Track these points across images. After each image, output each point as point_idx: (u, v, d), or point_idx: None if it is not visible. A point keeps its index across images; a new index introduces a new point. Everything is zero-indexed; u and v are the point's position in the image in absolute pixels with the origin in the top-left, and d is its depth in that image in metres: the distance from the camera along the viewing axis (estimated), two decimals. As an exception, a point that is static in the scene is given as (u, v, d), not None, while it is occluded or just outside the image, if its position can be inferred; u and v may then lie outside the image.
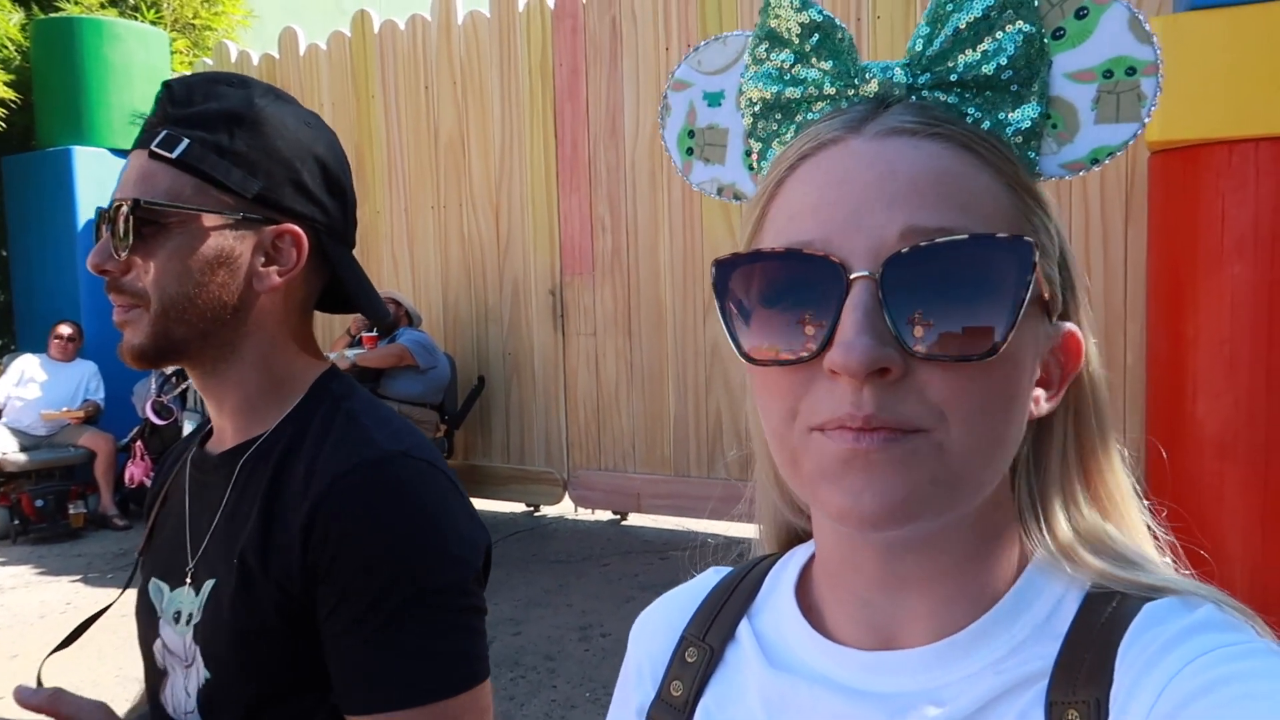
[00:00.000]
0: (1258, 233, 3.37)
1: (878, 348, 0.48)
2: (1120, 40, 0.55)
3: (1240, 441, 3.45)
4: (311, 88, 6.90)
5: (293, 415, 1.08)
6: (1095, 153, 0.56)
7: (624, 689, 0.72)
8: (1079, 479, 0.58)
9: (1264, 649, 0.48)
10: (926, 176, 0.51)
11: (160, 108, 1.05)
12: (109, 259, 1.02)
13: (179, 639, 1.06)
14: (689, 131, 0.66)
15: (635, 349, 5.69)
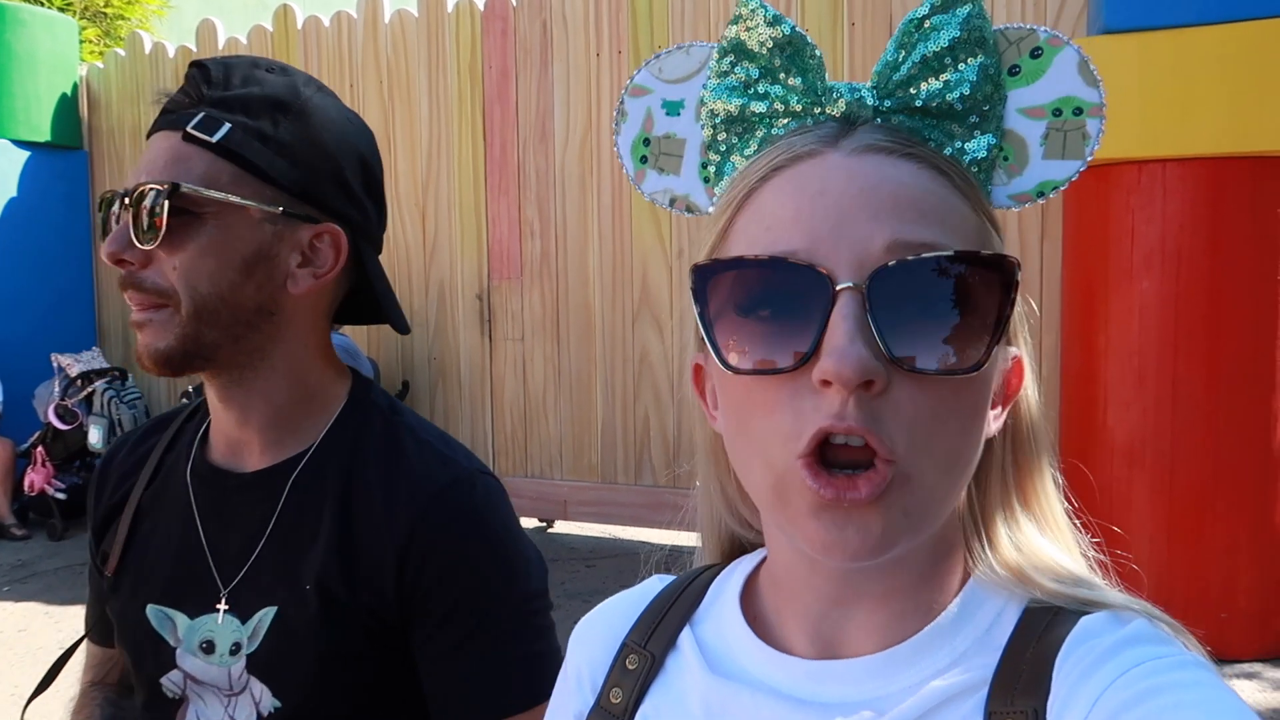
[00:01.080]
0: (1165, 249, 3.52)
1: (869, 358, 0.49)
2: (1071, 81, 0.58)
3: (1148, 449, 3.59)
4: (231, 82, 6.70)
5: (337, 430, 1.02)
6: (1041, 186, 0.59)
7: (561, 695, 0.72)
8: (1017, 497, 0.60)
9: (1192, 661, 0.50)
10: (908, 193, 0.52)
11: (192, 87, 0.96)
12: (128, 249, 0.92)
13: (217, 669, 0.99)
14: (644, 139, 0.66)
15: (563, 355, 5.65)
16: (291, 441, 1.02)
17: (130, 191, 0.92)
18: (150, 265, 0.93)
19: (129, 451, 1.13)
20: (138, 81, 7.05)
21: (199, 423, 1.10)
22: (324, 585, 0.96)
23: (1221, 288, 3.47)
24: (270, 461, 1.02)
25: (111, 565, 1.05)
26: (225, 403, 1.01)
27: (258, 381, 1.00)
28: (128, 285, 0.94)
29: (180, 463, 1.07)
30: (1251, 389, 3.49)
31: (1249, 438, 3.50)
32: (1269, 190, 3.45)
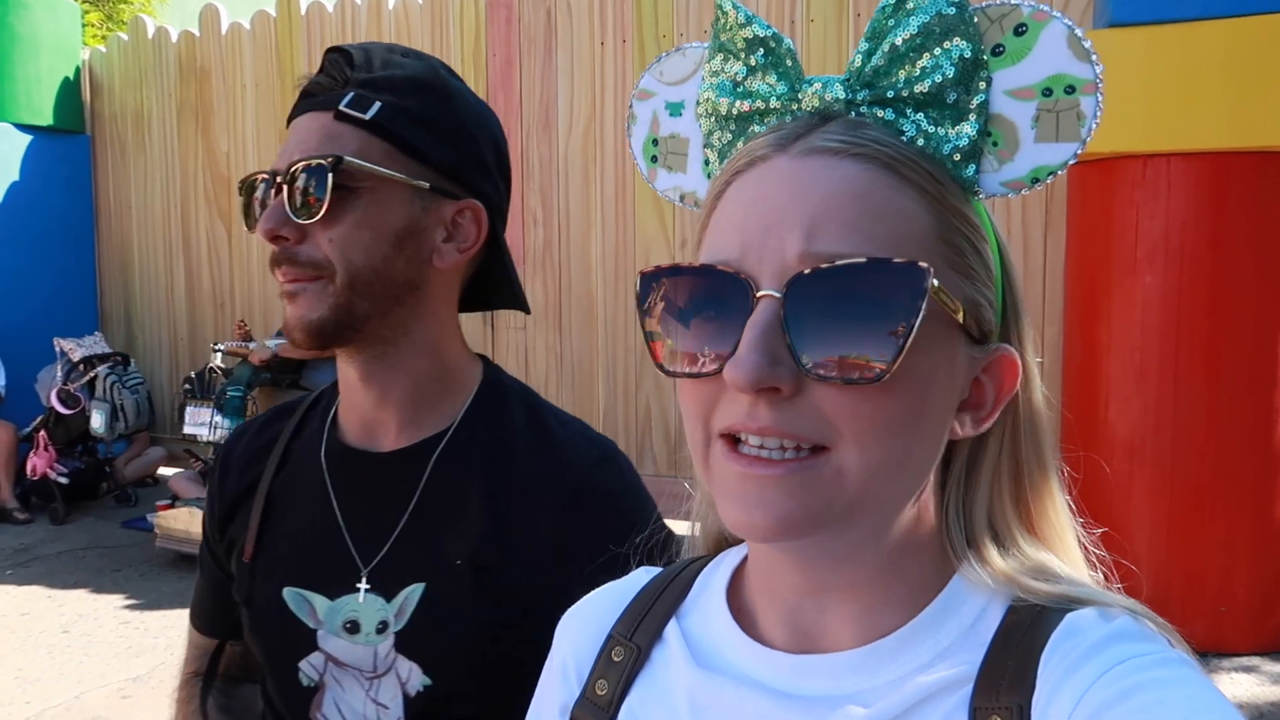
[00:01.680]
0: (1168, 244, 3.51)
1: (766, 366, 0.49)
2: (1059, 58, 0.54)
3: (1149, 444, 3.59)
4: (233, 69, 6.68)
5: (476, 409, 1.05)
6: (1035, 172, 0.56)
7: (547, 686, 0.72)
8: (1010, 499, 0.59)
9: (1176, 659, 0.50)
10: (836, 199, 0.52)
11: (336, 70, 0.98)
12: (285, 224, 0.94)
13: (362, 649, 0.99)
14: (653, 140, 0.67)
15: (565, 343, 5.65)
16: (429, 421, 1.04)
17: (284, 171, 0.94)
18: (305, 240, 0.95)
19: (250, 440, 1.13)
20: (140, 66, 7.03)
21: (325, 408, 1.11)
22: (478, 561, 0.98)
23: (1224, 283, 3.46)
24: (408, 441, 1.03)
25: (249, 550, 1.05)
26: (365, 380, 1.02)
27: (400, 357, 1.01)
28: (282, 261, 0.95)
29: (311, 446, 1.08)
30: (1252, 385, 3.49)
31: (1249, 434, 3.50)
32: (1273, 185, 3.44)
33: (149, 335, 7.18)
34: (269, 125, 6.57)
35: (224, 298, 6.87)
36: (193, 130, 6.85)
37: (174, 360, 7.08)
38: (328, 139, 0.94)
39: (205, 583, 1.18)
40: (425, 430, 1.03)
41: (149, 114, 7.01)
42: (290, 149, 0.96)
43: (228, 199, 6.76)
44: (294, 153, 0.95)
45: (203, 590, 1.19)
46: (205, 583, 1.18)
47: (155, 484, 6.49)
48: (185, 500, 5.18)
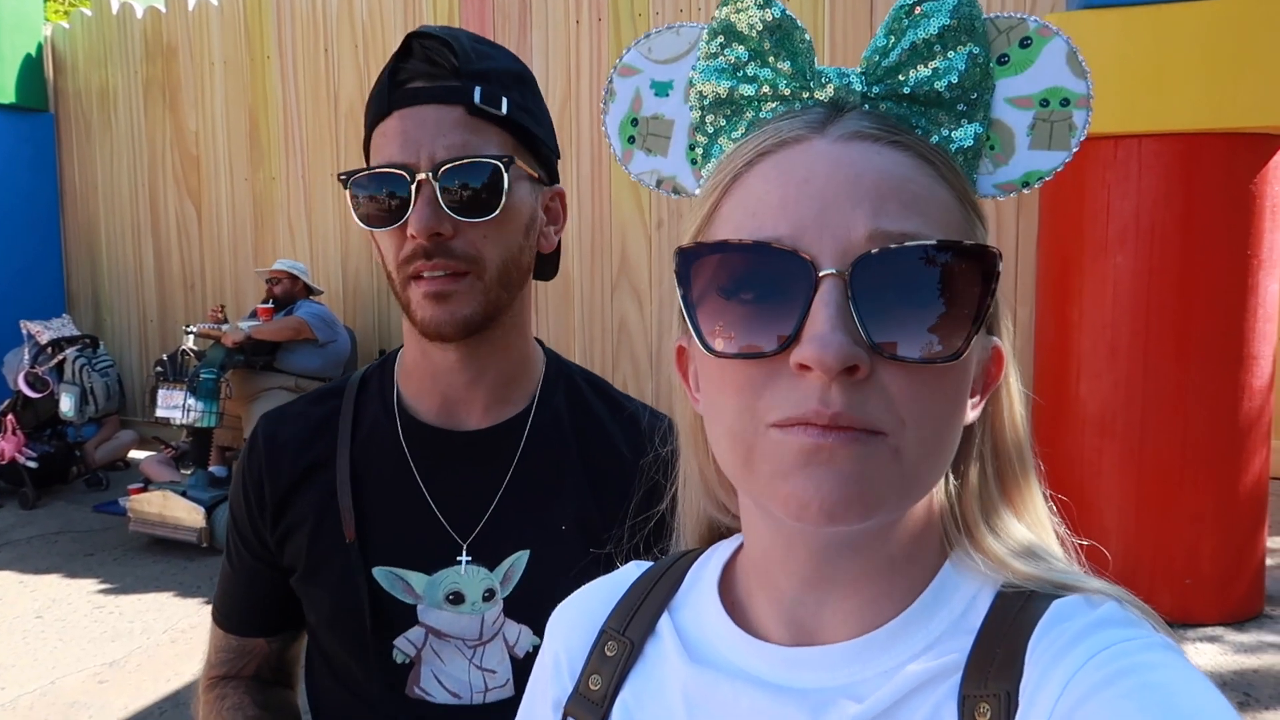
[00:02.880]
0: (1139, 224, 3.56)
1: (850, 344, 0.49)
2: (1059, 72, 0.57)
3: (1118, 420, 3.65)
4: (201, 46, 6.56)
5: (549, 387, 1.09)
6: (1027, 176, 0.59)
7: (539, 681, 0.71)
8: (995, 485, 0.60)
9: (1160, 644, 0.51)
10: (891, 182, 0.52)
11: (440, 60, 0.96)
12: (445, 220, 0.94)
13: (468, 619, 1.02)
14: (632, 119, 0.65)
15: (541, 324, 5.64)
16: (512, 398, 1.07)
17: (433, 167, 0.94)
18: (457, 235, 0.95)
19: (295, 424, 1.11)
20: (105, 42, 6.89)
21: (381, 389, 1.10)
22: (584, 524, 1.03)
23: (1193, 263, 3.51)
24: (495, 420, 1.06)
25: (350, 532, 1.03)
26: (464, 365, 1.03)
27: (503, 339, 1.04)
28: (434, 254, 0.95)
29: (381, 427, 1.07)
30: (1220, 363, 3.55)
31: (1217, 410, 3.57)
32: (1242, 166, 3.49)
33: (118, 317, 7.08)
34: (238, 103, 6.47)
35: (194, 279, 6.78)
36: (160, 108, 6.74)
37: (144, 343, 6.98)
38: (472, 135, 0.95)
39: (237, 579, 1.14)
40: (511, 408, 1.07)
41: (114, 92, 6.88)
42: (423, 143, 0.94)
43: (197, 178, 6.66)
44: (435, 149, 0.94)
45: (234, 587, 1.14)
46: (237, 579, 1.14)
47: (126, 468, 6.42)
48: (157, 484, 5.13)
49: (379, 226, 0.96)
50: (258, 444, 1.11)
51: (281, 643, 1.16)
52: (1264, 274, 3.56)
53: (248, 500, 1.10)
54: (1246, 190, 3.49)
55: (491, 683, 1.03)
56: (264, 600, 1.13)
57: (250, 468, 1.10)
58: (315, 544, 1.05)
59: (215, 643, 1.17)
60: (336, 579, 1.03)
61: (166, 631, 3.87)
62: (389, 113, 0.97)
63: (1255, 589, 3.76)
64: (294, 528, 1.07)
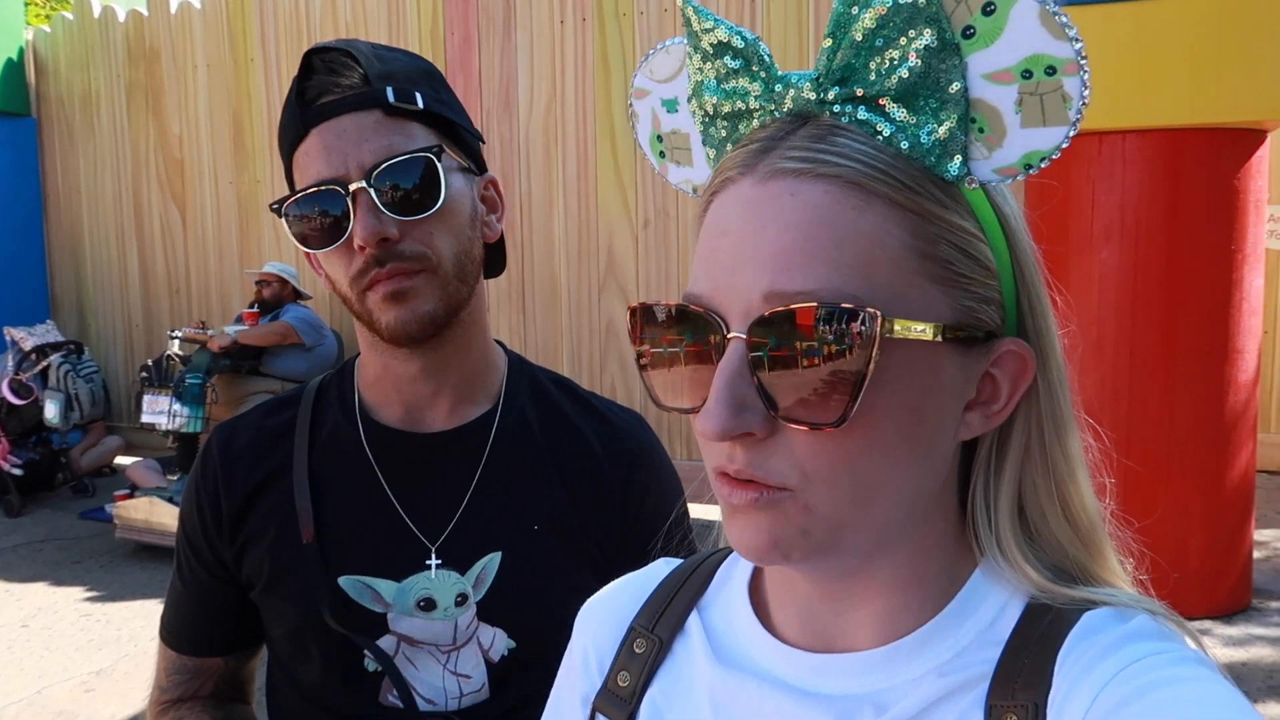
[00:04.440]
0: (1124, 220, 3.57)
1: (733, 417, 0.49)
2: (1034, 37, 0.50)
3: (1105, 415, 3.64)
4: (184, 48, 6.52)
5: (512, 386, 1.09)
6: (1027, 158, 0.52)
7: (568, 676, 0.72)
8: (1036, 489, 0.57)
9: (1193, 658, 0.50)
10: (795, 232, 0.49)
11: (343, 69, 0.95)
12: (389, 225, 0.92)
13: (441, 624, 1.00)
14: (657, 136, 0.66)
15: (529, 325, 5.63)
16: (479, 399, 1.06)
17: (366, 174, 0.92)
18: (404, 237, 0.94)
19: (252, 432, 1.08)
20: (87, 46, 6.84)
21: (341, 394, 1.08)
22: (559, 523, 1.02)
23: (1179, 258, 3.52)
24: (460, 420, 1.05)
25: (309, 533, 1.01)
26: (426, 368, 1.02)
27: (463, 339, 1.03)
28: (385, 261, 0.93)
29: (343, 431, 1.05)
30: (1206, 357, 3.57)
31: (1203, 405, 3.58)
32: (1226, 161, 3.50)
33: (102, 323, 7.03)
34: (222, 107, 6.44)
35: (179, 283, 6.74)
36: (143, 112, 6.69)
37: (129, 348, 6.94)
38: (395, 135, 0.93)
39: (190, 597, 1.09)
40: (476, 408, 1.06)
41: (97, 95, 6.83)
42: (349, 153, 0.92)
43: (181, 182, 6.62)
44: (362, 156, 0.92)
45: (187, 605, 1.10)
46: (190, 597, 1.09)
47: (113, 474, 6.38)
48: (144, 490, 5.10)
49: (322, 247, 0.95)
50: (211, 455, 1.07)
51: (238, 660, 1.13)
52: (1248, 268, 3.57)
53: (202, 514, 1.06)
54: (1230, 185, 3.51)
55: (466, 688, 1.01)
56: (220, 617, 1.09)
57: (204, 480, 1.07)
58: (276, 555, 1.02)
59: (166, 664, 1.12)
60: (301, 589, 1.01)
61: (153, 639, 3.82)
62: (306, 132, 0.95)
63: (1243, 582, 3.78)
64: (252, 540, 1.04)
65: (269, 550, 1.02)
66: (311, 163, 0.94)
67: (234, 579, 1.06)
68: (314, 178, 0.93)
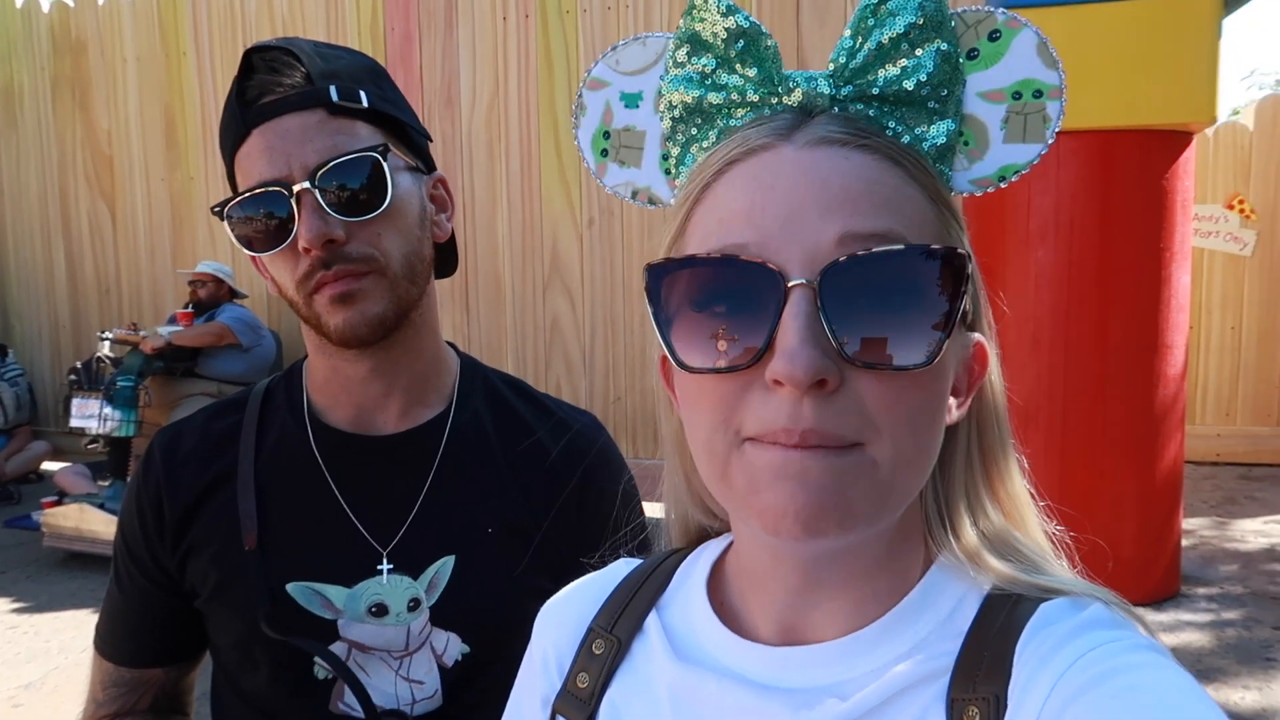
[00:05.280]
0: (1059, 219, 3.66)
1: (820, 357, 0.48)
2: (1030, 64, 0.57)
3: (1041, 410, 3.75)
4: (113, 41, 6.32)
5: (465, 387, 1.07)
6: (1003, 170, 0.58)
7: (528, 678, 0.71)
8: (983, 483, 0.60)
9: (1145, 645, 0.51)
10: (859, 185, 0.51)
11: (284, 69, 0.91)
12: (336, 227, 0.89)
13: (393, 630, 0.97)
14: (604, 132, 0.64)
15: (473, 324, 5.57)
16: (431, 400, 1.05)
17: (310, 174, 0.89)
18: (351, 238, 0.91)
19: (196, 437, 1.04)
20: (9, 38, 6.59)
21: (289, 398, 1.05)
22: (512, 525, 1.00)
23: (1111, 256, 3.62)
24: (413, 423, 1.03)
25: (251, 539, 0.97)
26: (378, 371, 1.00)
27: (414, 341, 1.01)
28: (332, 263, 0.90)
29: (291, 435, 1.02)
30: (1137, 352, 3.67)
31: (1134, 399, 3.69)
32: (1156, 162, 3.61)
33: (27, 324, 6.79)
34: (153, 102, 6.25)
35: (109, 283, 6.53)
36: (70, 106, 6.47)
37: (56, 350, 6.71)
38: (335, 133, 0.91)
39: (130, 606, 1.06)
40: (428, 410, 1.04)
41: (20, 89, 6.59)
42: (292, 153, 0.90)
43: (110, 179, 6.42)
44: (305, 156, 0.90)
45: (126, 615, 1.06)
46: (130, 606, 1.06)
47: (39, 480, 6.17)
48: (73, 496, 4.93)
49: (267, 250, 0.92)
50: (154, 460, 1.04)
51: (179, 671, 1.10)
52: (1176, 266, 3.69)
53: (143, 521, 1.03)
54: (1160, 185, 3.61)
55: (419, 694, 0.99)
56: (160, 627, 1.05)
57: (146, 486, 1.03)
58: (222, 562, 0.99)
59: (102, 677, 1.08)
60: (246, 597, 0.98)
61: (86, 650, 3.71)
62: (247, 133, 0.92)
63: (1172, 570, 3.90)
64: (196, 547, 1.01)
65: (214, 558, 0.99)
66: (254, 164, 0.91)
67: (176, 587, 1.03)
68: (256, 179, 0.91)
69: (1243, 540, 4.61)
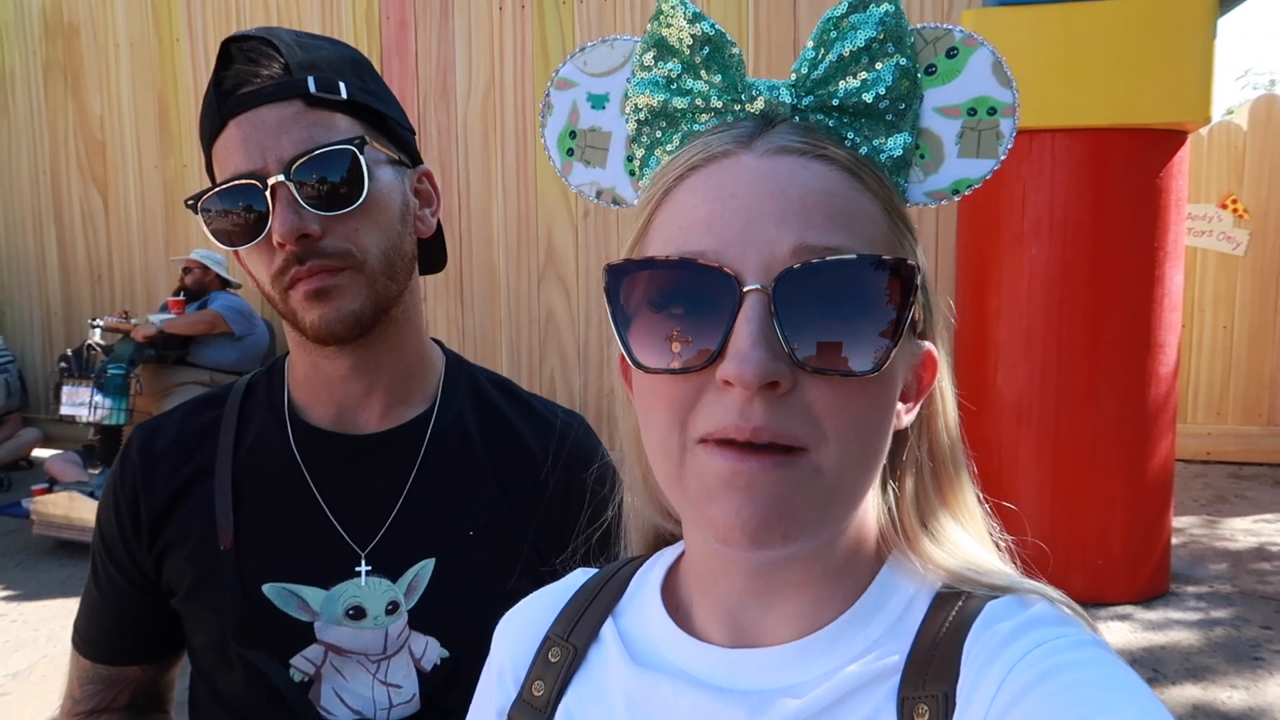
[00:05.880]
0: (1053, 217, 3.66)
1: (771, 360, 0.49)
2: (985, 82, 0.59)
3: (1034, 408, 3.75)
4: (105, 26, 6.28)
5: (450, 387, 1.05)
6: (956, 184, 0.60)
7: (484, 691, 0.71)
8: (932, 488, 0.61)
9: (1090, 641, 0.52)
10: (816, 196, 0.53)
11: (263, 59, 0.90)
12: (310, 221, 0.88)
13: (370, 634, 0.96)
14: (570, 132, 0.65)
15: (467, 315, 5.56)
16: (414, 399, 1.03)
17: (285, 168, 0.87)
18: (326, 233, 0.90)
19: (174, 433, 1.03)
20: (0, 22, 6.54)
21: (270, 395, 1.04)
22: (494, 527, 0.99)
23: (1104, 254, 3.63)
24: (395, 422, 1.01)
25: (227, 539, 0.96)
26: (359, 368, 0.98)
27: (397, 337, 0.99)
28: (306, 258, 0.89)
29: (270, 434, 1.00)
30: (1129, 351, 3.68)
31: (1126, 397, 3.70)
32: (1150, 161, 3.61)
33: (18, 311, 6.75)
34: (146, 87, 6.22)
35: (101, 270, 6.50)
36: (61, 91, 6.43)
37: (47, 337, 6.68)
38: (312, 126, 0.89)
39: (107, 604, 1.05)
40: (411, 409, 1.02)
41: (11, 73, 6.54)
42: (268, 145, 0.88)
43: (103, 165, 6.38)
44: (281, 149, 0.88)
45: (103, 613, 1.06)
46: (107, 604, 1.05)
47: (30, 467, 6.14)
48: (64, 484, 4.91)
49: (242, 244, 0.91)
50: (131, 457, 1.03)
51: (158, 669, 1.09)
52: (1169, 265, 3.69)
53: (120, 519, 1.02)
54: (1154, 184, 3.62)
55: (396, 698, 0.98)
56: (138, 625, 1.05)
57: (123, 483, 1.02)
58: (198, 562, 0.98)
59: (79, 674, 1.07)
60: (221, 597, 0.97)
61: (74, 639, 3.70)
62: (223, 124, 0.91)
63: (1162, 568, 3.92)
64: (172, 546, 1.00)
65: (189, 556, 0.98)
66: (230, 156, 0.90)
67: (153, 585, 1.02)
68: (232, 171, 0.90)
69: (1232, 539, 4.64)
